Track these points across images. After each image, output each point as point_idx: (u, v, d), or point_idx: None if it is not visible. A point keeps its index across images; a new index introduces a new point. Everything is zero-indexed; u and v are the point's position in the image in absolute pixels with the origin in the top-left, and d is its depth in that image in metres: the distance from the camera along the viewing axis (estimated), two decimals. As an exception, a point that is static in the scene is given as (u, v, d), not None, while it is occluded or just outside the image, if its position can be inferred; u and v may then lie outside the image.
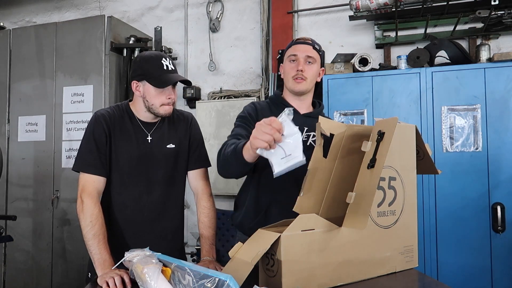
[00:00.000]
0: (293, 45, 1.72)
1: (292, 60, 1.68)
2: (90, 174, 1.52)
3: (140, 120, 1.60)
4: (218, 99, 3.58)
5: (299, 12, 3.47)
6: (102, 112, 1.59)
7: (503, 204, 2.44)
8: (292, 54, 1.68)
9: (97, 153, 1.52)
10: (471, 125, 2.54)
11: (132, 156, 1.57)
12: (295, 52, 1.68)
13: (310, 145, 1.67)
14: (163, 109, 1.54)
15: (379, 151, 1.22)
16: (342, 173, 1.34)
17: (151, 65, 1.50)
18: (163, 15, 3.86)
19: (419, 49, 2.82)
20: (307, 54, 1.66)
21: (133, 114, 1.61)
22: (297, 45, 1.70)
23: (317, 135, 1.38)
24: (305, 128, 1.69)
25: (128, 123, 1.59)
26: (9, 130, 3.33)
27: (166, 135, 1.64)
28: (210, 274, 0.95)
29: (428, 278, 1.44)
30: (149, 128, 1.61)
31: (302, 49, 1.68)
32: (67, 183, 3.11)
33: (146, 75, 1.50)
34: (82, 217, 1.47)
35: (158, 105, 1.53)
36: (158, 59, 1.50)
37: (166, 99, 1.52)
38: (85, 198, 1.48)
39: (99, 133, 1.54)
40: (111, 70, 3.09)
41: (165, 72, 1.50)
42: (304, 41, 1.70)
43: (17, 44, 3.35)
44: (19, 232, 3.18)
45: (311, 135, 1.69)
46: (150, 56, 1.52)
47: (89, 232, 1.45)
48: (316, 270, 1.18)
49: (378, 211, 1.31)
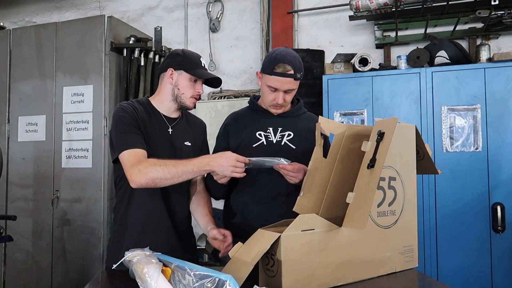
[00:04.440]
0: (273, 74, 1.58)
1: (271, 90, 1.62)
2: (136, 148, 1.46)
3: (162, 114, 1.66)
4: (218, 99, 3.58)
5: (299, 12, 3.47)
6: (126, 103, 1.63)
7: (503, 204, 2.44)
8: (272, 87, 1.60)
9: (136, 133, 1.51)
10: (471, 125, 2.54)
11: (156, 147, 1.58)
12: (274, 85, 1.59)
13: (284, 144, 1.69)
14: (191, 101, 1.63)
15: (379, 151, 1.22)
16: (342, 173, 1.34)
17: (190, 59, 1.62)
18: (163, 15, 3.86)
19: (419, 49, 2.82)
20: (288, 88, 1.61)
21: (155, 107, 1.67)
22: (278, 77, 1.57)
23: (317, 135, 1.38)
24: (280, 128, 1.71)
25: (152, 116, 1.64)
26: (9, 130, 3.33)
27: (185, 132, 1.70)
28: (210, 274, 0.95)
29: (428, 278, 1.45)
30: (170, 122, 1.67)
31: (283, 83, 1.59)
32: (67, 183, 3.11)
33: (185, 65, 1.60)
34: (147, 174, 1.39)
35: (188, 96, 1.61)
36: (197, 56, 1.64)
37: (196, 92, 1.62)
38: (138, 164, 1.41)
39: (132, 118, 1.53)
40: (111, 70, 3.09)
41: (202, 68, 1.63)
42: (285, 74, 1.56)
43: (17, 44, 3.35)
44: (19, 232, 3.18)
45: (286, 134, 1.70)
46: (190, 52, 1.66)
47: (168, 167, 1.40)
48: (316, 270, 1.18)
49: (378, 211, 1.31)
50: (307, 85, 3.19)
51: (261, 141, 1.69)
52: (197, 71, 1.60)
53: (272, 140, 1.69)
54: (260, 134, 1.69)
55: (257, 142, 1.69)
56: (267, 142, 1.68)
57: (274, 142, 1.69)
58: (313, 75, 3.17)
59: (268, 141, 1.69)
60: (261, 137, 1.69)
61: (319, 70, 3.20)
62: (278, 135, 1.70)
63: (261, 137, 1.69)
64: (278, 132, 1.70)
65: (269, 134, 1.70)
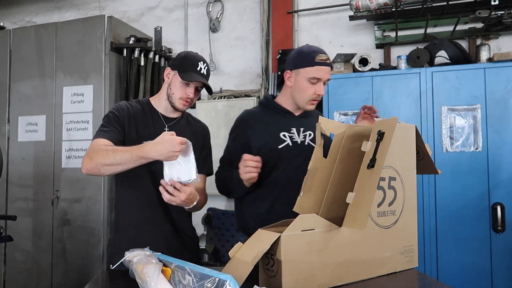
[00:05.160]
0: (315, 65, 1.60)
1: (313, 82, 1.62)
2: (101, 138, 1.51)
3: (160, 113, 1.69)
4: (218, 99, 3.58)
5: (299, 12, 3.47)
6: (124, 103, 1.68)
7: (503, 204, 2.44)
8: (315, 77, 1.61)
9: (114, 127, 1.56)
10: (471, 125, 2.54)
11: None
12: (318, 75, 1.60)
13: (308, 145, 1.69)
14: (180, 102, 1.64)
15: (379, 151, 1.22)
16: (342, 173, 1.34)
17: (188, 61, 1.63)
18: (163, 15, 3.86)
19: (419, 49, 2.82)
20: (328, 78, 1.63)
21: (153, 107, 1.70)
22: (321, 67, 1.60)
23: (317, 135, 1.38)
24: (302, 128, 1.71)
25: (148, 114, 1.67)
26: (9, 130, 3.33)
27: (183, 132, 1.68)
28: (210, 274, 0.95)
29: (428, 278, 1.45)
30: (168, 121, 1.70)
31: (326, 72, 1.61)
32: (67, 183, 3.11)
33: (180, 67, 1.62)
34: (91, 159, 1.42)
35: (177, 97, 1.63)
36: (197, 60, 1.63)
37: (186, 95, 1.62)
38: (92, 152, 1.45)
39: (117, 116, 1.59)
40: (111, 70, 3.08)
41: (196, 72, 1.61)
42: (326, 63, 1.61)
43: (17, 44, 3.35)
44: (19, 232, 3.18)
45: (307, 134, 1.71)
46: (193, 55, 1.66)
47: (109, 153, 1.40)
48: (316, 270, 1.18)
49: (378, 211, 1.31)
50: (307, 85, 3.19)
51: (286, 142, 1.68)
52: (187, 74, 1.59)
53: (297, 140, 1.70)
54: (284, 135, 1.69)
55: (282, 143, 1.68)
56: (292, 143, 1.69)
57: (298, 142, 1.70)
58: (313, 75, 3.17)
59: (293, 142, 1.69)
60: (286, 138, 1.69)
61: (319, 70, 3.20)
62: (301, 135, 1.71)
63: (285, 138, 1.69)
64: (301, 133, 1.71)
65: (293, 134, 1.70)
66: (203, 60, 1.66)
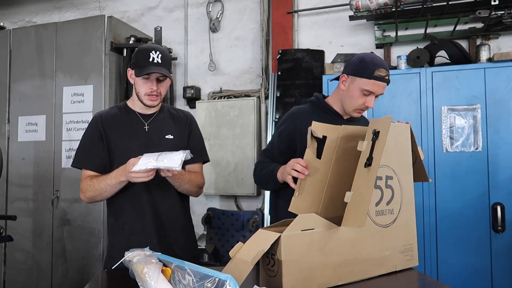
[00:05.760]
0: (373, 79, 1.57)
1: (365, 94, 1.60)
2: (85, 170, 1.64)
3: (137, 113, 1.68)
4: (218, 99, 3.58)
5: (299, 12, 3.47)
6: (99, 113, 1.71)
7: (503, 204, 2.44)
8: (368, 90, 1.59)
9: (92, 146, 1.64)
10: (471, 125, 2.54)
11: (131, 147, 1.60)
12: (373, 89, 1.59)
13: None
14: (147, 98, 1.61)
15: (375, 150, 1.22)
16: (338, 173, 1.35)
17: (140, 55, 1.58)
18: (163, 15, 3.86)
19: (419, 49, 2.82)
20: (382, 93, 1.62)
21: (130, 108, 1.69)
22: (378, 82, 1.58)
23: (308, 138, 1.39)
24: None
25: (126, 118, 1.67)
26: (9, 130, 3.33)
27: (165, 126, 1.69)
28: (210, 274, 0.95)
29: (428, 278, 1.44)
30: (146, 118, 1.68)
31: (380, 87, 1.60)
32: (67, 183, 3.11)
33: (134, 64, 1.60)
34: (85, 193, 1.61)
35: (143, 94, 1.60)
36: (148, 51, 1.56)
37: (149, 89, 1.59)
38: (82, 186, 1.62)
39: (92, 132, 1.65)
40: (111, 70, 3.09)
41: (149, 64, 1.55)
42: (384, 79, 1.59)
43: (17, 44, 3.35)
44: (19, 232, 3.18)
45: None
46: (143, 48, 1.60)
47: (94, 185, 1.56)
48: (316, 269, 1.18)
49: (376, 210, 1.31)
50: (307, 85, 3.20)
51: None
52: (140, 69, 1.55)
53: None
54: None
55: None
56: None
57: None
58: (313, 75, 3.17)
59: None
60: None
61: (319, 70, 3.20)
62: None
63: None
64: None
65: None
66: (155, 48, 1.58)
